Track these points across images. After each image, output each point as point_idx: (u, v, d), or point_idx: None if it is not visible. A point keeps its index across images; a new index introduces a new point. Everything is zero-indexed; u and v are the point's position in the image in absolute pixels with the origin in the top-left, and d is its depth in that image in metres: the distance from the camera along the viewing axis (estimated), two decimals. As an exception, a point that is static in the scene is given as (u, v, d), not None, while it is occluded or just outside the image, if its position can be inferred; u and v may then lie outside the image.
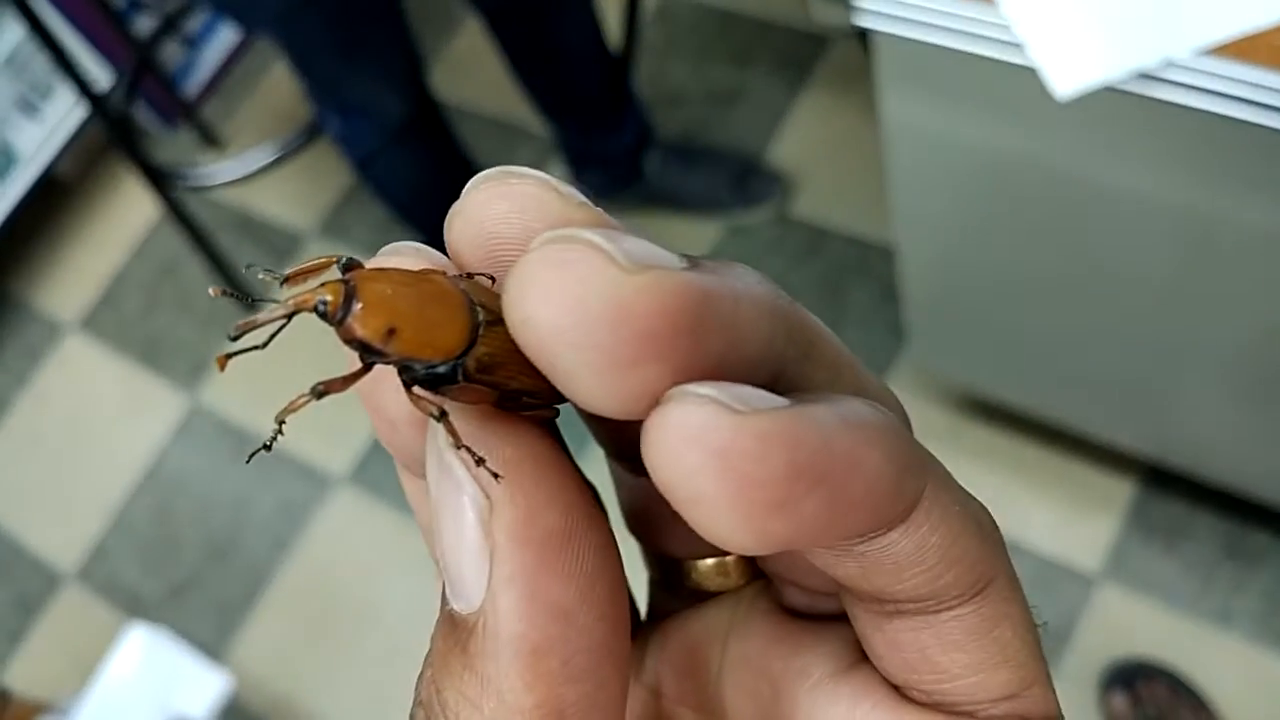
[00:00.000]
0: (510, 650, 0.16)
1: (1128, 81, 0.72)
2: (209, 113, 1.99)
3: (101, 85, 1.74)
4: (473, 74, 1.80)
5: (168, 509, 1.67)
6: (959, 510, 0.17)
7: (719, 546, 0.15)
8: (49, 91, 1.86)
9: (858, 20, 0.81)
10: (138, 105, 1.90)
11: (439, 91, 1.40)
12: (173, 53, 1.94)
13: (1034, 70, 0.74)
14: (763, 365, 0.16)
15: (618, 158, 1.58)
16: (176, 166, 1.70)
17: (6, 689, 1.30)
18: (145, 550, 1.64)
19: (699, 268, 0.16)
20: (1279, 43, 0.68)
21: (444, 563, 0.17)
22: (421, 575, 1.48)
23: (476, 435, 0.17)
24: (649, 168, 1.59)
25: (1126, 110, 0.74)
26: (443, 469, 0.17)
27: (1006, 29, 0.74)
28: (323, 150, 1.61)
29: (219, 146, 1.96)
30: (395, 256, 0.19)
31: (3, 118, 1.83)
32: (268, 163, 1.62)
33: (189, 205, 1.70)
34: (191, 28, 1.96)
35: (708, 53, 1.76)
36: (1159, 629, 1.23)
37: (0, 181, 1.84)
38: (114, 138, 1.62)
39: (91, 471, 1.73)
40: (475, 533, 0.17)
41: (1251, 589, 1.22)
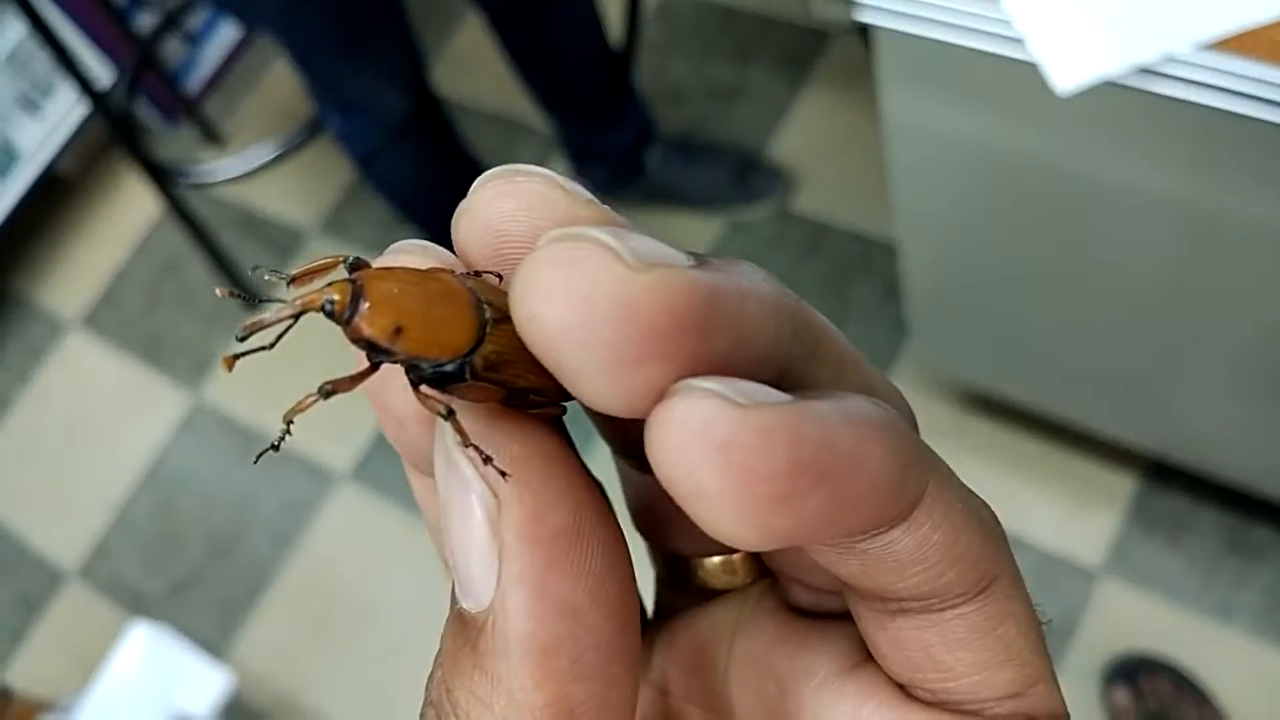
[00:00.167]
0: (520, 649, 0.16)
1: (1128, 76, 0.72)
2: (210, 110, 1.99)
3: (103, 82, 1.74)
4: (474, 70, 1.80)
5: (170, 507, 1.67)
6: (961, 508, 0.17)
7: (722, 542, 0.15)
8: (50, 89, 1.86)
9: (858, 16, 0.81)
10: (139, 102, 1.90)
11: (440, 88, 1.40)
12: (174, 50, 1.94)
13: (1035, 65, 0.73)
14: (768, 363, 0.16)
15: (619, 154, 1.58)
16: (178, 164, 1.70)
17: (9, 687, 1.30)
18: (147, 548, 1.64)
19: (706, 265, 0.16)
20: (1279, 37, 0.68)
21: (453, 561, 0.17)
22: (424, 573, 1.48)
23: (484, 433, 0.17)
24: (650, 164, 1.59)
25: (1127, 105, 0.74)
26: (450, 467, 0.17)
27: (1007, 24, 0.74)
28: (324, 147, 1.61)
29: (220, 143, 1.96)
30: (402, 255, 0.19)
31: (4, 115, 1.83)
32: (269, 160, 1.61)
33: (191, 202, 1.70)
34: (193, 25, 1.96)
35: (709, 49, 1.76)
36: (1161, 624, 1.22)
37: (2, 179, 1.84)
38: (115, 135, 1.62)
39: (93, 469, 1.73)
40: (484, 531, 0.17)
41: (1253, 584, 1.22)
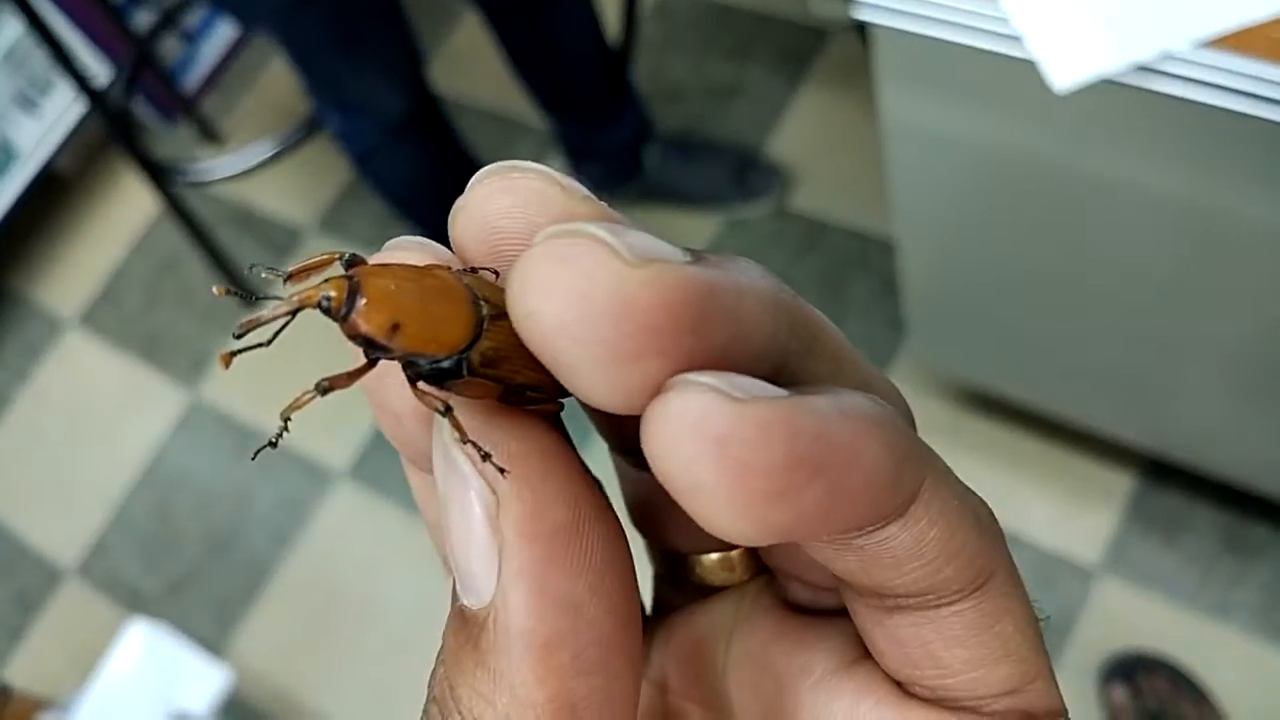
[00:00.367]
0: (521, 645, 0.16)
1: (1126, 74, 0.72)
2: (208, 108, 1.99)
3: (100, 81, 1.74)
4: (471, 68, 1.80)
5: (168, 504, 1.67)
6: (958, 504, 0.17)
7: (719, 537, 0.15)
8: (48, 87, 1.86)
9: (856, 14, 0.81)
10: (137, 100, 1.90)
11: (438, 86, 1.40)
12: (171, 48, 1.94)
13: (1033, 63, 0.74)
14: (765, 359, 0.16)
15: (617, 152, 1.58)
16: (176, 162, 1.70)
17: (7, 685, 1.30)
18: (145, 546, 1.64)
19: (702, 262, 0.16)
20: (1277, 35, 0.68)
21: (453, 558, 0.17)
22: (423, 570, 1.48)
23: (482, 430, 0.17)
24: (648, 162, 1.59)
25: (1125, 103, 0.74)
26: (449, 464, 0.17)
27: (1005, 22, 0.74)
28: (322, 145, 1.61)
29: (218, 142, 1.96)
30: (399, 252, 0.19)
31: (2, 114, 1.82)
32: (267, 158, 1.61)
33: (188, 200, 1.70)
34: (190, 23, 1.96)
35: (707, 47, 1.76)
36: (1159, 622, 1.23)
37: (-1, 177, 1.85)
38: (113, 133, 1.62)
39: (92, 467, 1.73)
40: (483, 528, 0.17)
41: (1251, 582, 1.22)
